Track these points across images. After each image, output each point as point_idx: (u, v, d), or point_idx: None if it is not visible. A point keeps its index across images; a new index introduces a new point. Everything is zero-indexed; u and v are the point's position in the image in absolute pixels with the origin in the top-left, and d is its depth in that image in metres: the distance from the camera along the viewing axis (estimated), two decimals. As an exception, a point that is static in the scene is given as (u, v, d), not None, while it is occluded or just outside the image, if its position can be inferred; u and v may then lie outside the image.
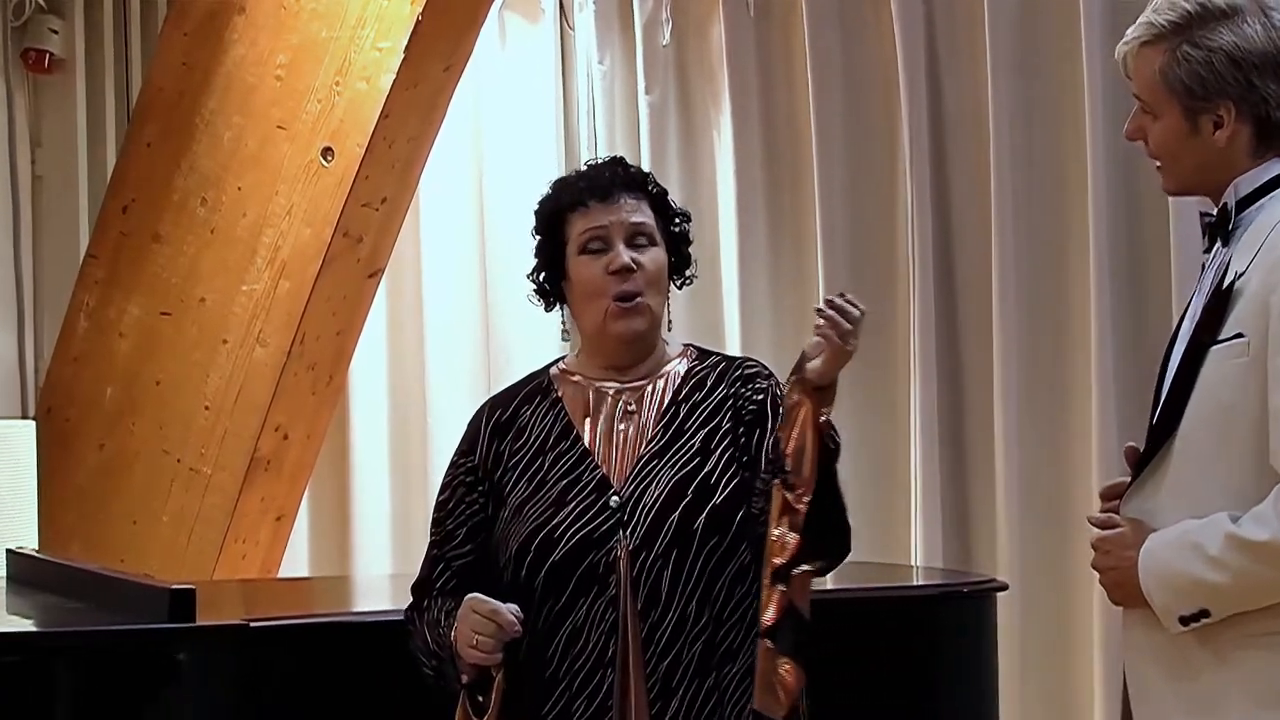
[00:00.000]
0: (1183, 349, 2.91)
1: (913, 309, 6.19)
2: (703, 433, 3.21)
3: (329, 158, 5.71)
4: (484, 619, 3.09)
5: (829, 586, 3.80)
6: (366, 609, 4.96)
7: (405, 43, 5.65)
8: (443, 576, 3.28)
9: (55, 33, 6.84)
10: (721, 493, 3.16)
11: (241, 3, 5.87)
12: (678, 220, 3.35)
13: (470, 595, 3.15)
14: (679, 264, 3.34)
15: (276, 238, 5.77)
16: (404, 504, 6.79)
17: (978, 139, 6.16)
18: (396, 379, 6.87)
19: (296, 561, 6.64)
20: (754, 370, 3.30)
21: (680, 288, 3.37)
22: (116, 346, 5.99)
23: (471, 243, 6.81)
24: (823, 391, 3.04)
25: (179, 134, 5.94)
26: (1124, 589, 2.90)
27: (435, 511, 3.34)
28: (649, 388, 3.27)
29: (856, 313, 3.05)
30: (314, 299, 5.77)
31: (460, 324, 6.81)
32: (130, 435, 5.95)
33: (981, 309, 6.13)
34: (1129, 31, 2.97)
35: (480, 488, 3.28)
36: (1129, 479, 2.97)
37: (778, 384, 3.26)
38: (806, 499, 2.98)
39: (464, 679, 3.16)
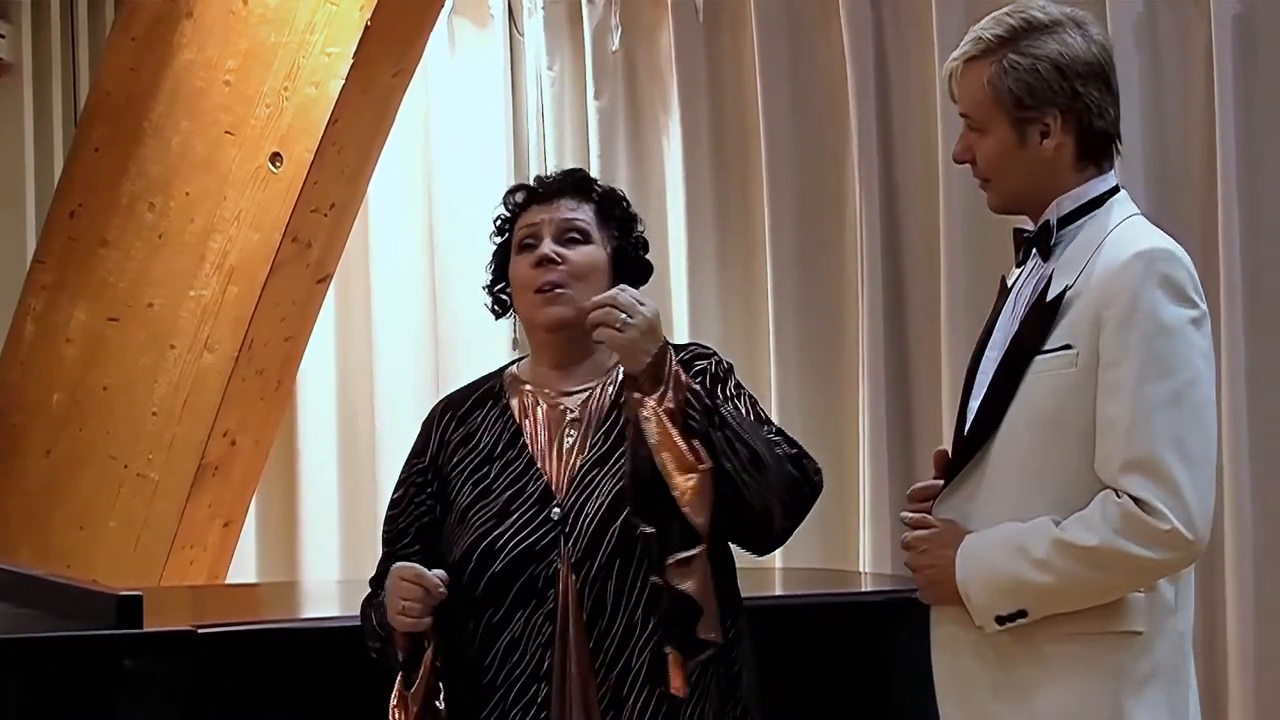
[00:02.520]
0: (999, 357, 3.00)
1: (861, 313, 6.22)
2: None
3: (278, 163, 5.70)
4: (409, 584, 3.10)
5: (778, 592, 3.80)
6: (315, 615, 4.95)
7: (354, 48, 5.64)
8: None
9: (2, 37, 6.82)
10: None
11: (189, 8, 5.85)
12: (628, 225, 3.36)
13: (397, 564, 3.16)
14: (631, 269, 3.35)
15: (225, 243, 5.75)
16: (352, 509, 6.77)
17: (926, 141, 6.20)
18: (345, 384, 6.86)
19: (244, 567, 6.62)
20: (690, 356, 3.28)
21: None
22: (63, 352, 5.96)
23: (420, 248, 6.81)
24: (643, 381, 3.07)
25: (127, 139, 5.92)
26: (939, 588, 2.99)
27: (389, 508, 3.36)
28: (594, 391, 3.27)
29: (600, 299, 3.08)
30: (262, 304, 5.75)
31: (409, 329, 6.80)
32: (77, 441, 5.92)
33: (930, 313, 6.16)
34: (955, 52, 3.07)
35: (429, 489, 3.30)
36: (941, 482, 3.05)
37: (719, 362, 3.26)
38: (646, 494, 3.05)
39: (400, 657, 3.16)
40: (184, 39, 5.86)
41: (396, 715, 3.17)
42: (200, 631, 3.57)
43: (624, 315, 3.05)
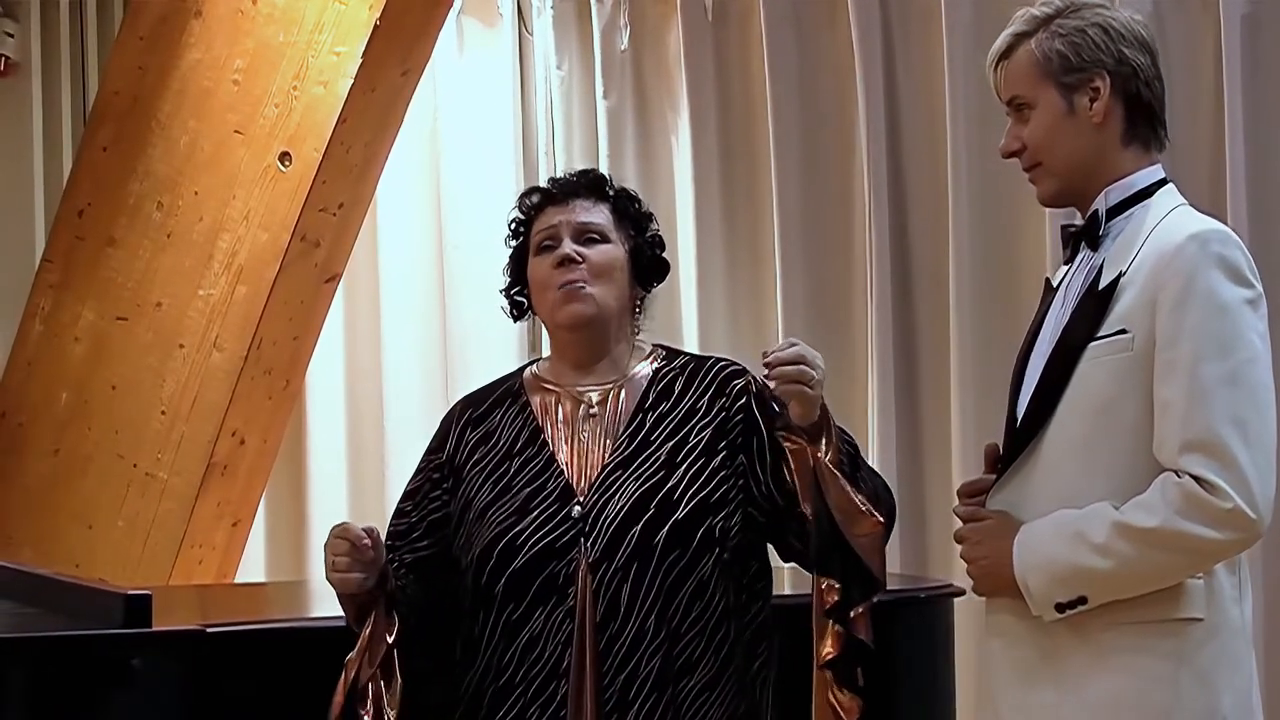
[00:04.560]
0: (1051, 348, 2.99)
1: (870, 311, 6.20)
2: (669, 445, 3.22)
3: (286, 162, 5.69)
4: (336, 539, 3.11)
5: (786, 591, 3.80)
6: (324, 614, 4.94)
7: (363, 47, 5.64)
8: (391, 565, 3.27)
9: (11, 36, 6.81)
10: (684, 507, 3.16)
11: (198, 6, 5.85)
12: (643, 224, 3.37)
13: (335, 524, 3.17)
14: (648, 266, 3.36)
15: (233, 242, 5.75)
16: (361, 508, 6.76)
17: (934, 139, 6.18)
18: (353, 384, 6.86)
19: (253, 566, 6.62)
20: (725, 374, 3.30)
21: (648, 290, 3.38)
22: (71, 351, 5.97)
23: (429, 248, 6.80)
24: (813, 430, 3.08)
25: (135, 138, 5.92)
26: (993, 578, 2.99)
27: (402, 500, 3.37)
28: (614, 391, 3.28)
29: (788, 355, 3.04)
30: (271, 304, 5.76)
31: (417, 329, 6.80)
32: (85, 440, 5.93)
33: (939, 311, 6.15)
34: (998, 42, 3.10)
35: (445, 484, 3.31)
36: (991, 476, 3.05)
37: (753, 379, 3.28)
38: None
39: (354, 626, 3.18)
40: (192, 38, 5.86)
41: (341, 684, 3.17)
42: (209, 631, 3.56)
43: (813, 373, 3.05)
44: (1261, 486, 2.80)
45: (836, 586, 3.07)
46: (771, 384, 3.07)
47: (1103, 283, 2.95)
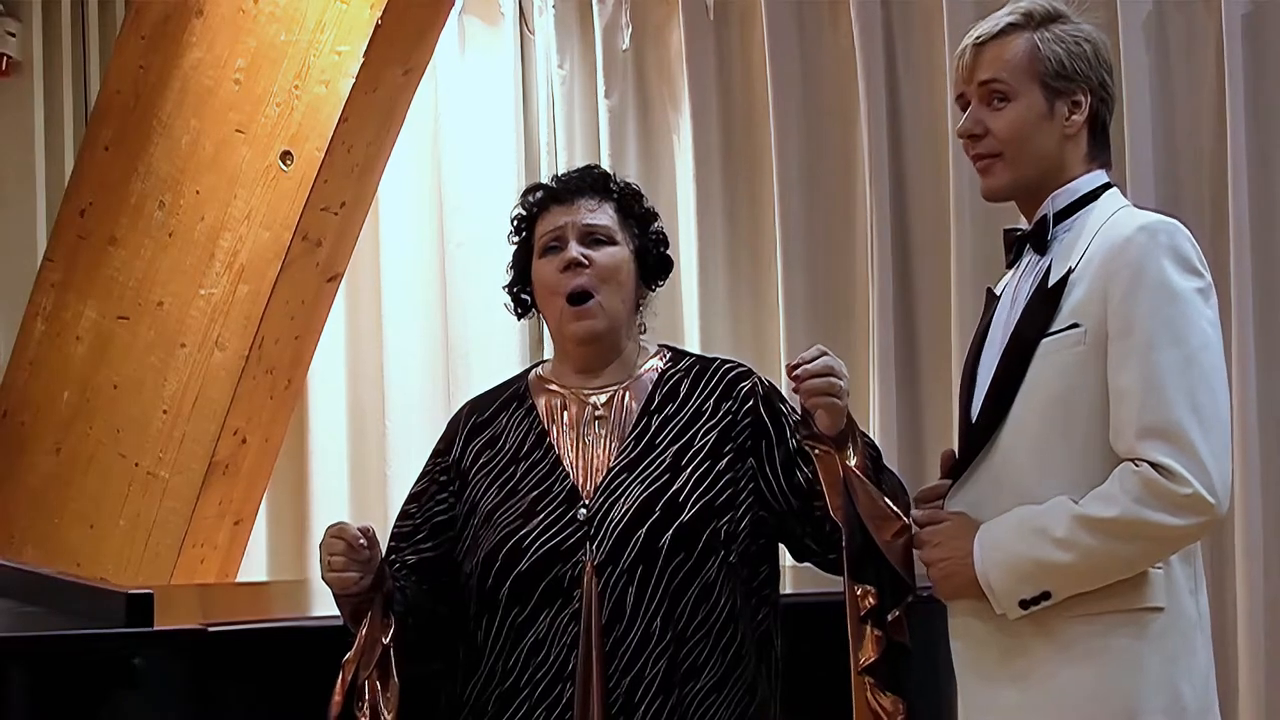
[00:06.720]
0: (1002, 349, 3.00)
1: (871, 311, 6.20)
2: (674, 448, 3.22)
3: (288, 162, 5.70)
4: (332, 538, 3.10)
5: (785, 590, 3.79)
6: (325, 613, 4.95)
7: (364, 46, 5.64)
8: (393, 566, 3.27)
9: (13, 35, 6.82)
10: (689, 510, 3.16)
11: (199, 6, 5.85)
12: (648, 221, 3.37)
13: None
14: (653, 266, 3.36)
15: (235, 241, 5.75)
16: (362, 507, 6.77)
17: (935, 138, 6.18)
18: (355, 383, 6.86)
19: (255, 566, 6.62)
20: (731, 376, 3.30)
21: (653, 289, 3.38)
22: (73, 350, 5.97)
23: (431, 247, 6.80)
24: (839, 439, 3.08)
25: (136, 137, 5.92)
26: (954, 580, 2.99)
27: (407, 502, 3.38)
28: (620, 393, 3.28)
29: (816, 367, 3.03)
30: (273, 303, 5.76)
31: (419, 328, 6.80)
32: (86, 439, 5.93)
33: (940, 307, 6.15)
34: (985, 25, 3.08)
35: (451, 487, 3.31)
36: (947, 482, 3.06)
37: (759, 381, 3.28)
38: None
39: (351, 627, 3.18)
40: (193, 37, 5.86)
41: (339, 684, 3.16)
42: (210, 630, 3.57)
43: (840, 383, 3.05)
44: (1219, 471, 2.82)
45: (872, 591, 3.06)
46: (799, 396, 3.06)
47: (1052, 280, 2.97)
